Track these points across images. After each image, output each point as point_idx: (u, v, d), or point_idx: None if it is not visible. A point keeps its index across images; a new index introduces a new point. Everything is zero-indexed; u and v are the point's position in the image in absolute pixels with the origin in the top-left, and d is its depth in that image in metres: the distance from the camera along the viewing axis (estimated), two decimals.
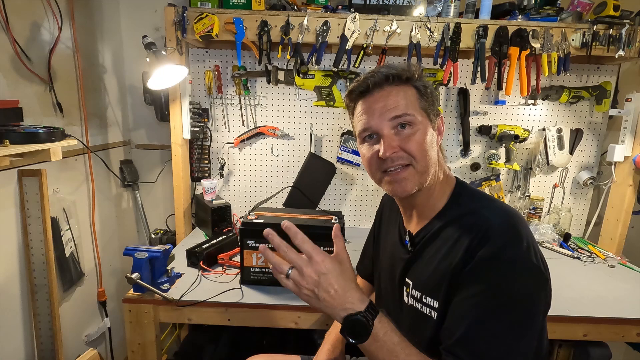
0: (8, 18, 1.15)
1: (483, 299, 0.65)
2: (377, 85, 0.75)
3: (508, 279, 0.64)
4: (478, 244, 0.67)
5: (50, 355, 1.33)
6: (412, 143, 0.73)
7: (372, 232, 1.08)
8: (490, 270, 0.65)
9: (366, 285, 1.12)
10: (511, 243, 0.66)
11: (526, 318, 0.64)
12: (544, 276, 0.67)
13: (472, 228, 0.69)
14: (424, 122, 0.75)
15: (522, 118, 1.76)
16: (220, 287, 1.19)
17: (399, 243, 0.86)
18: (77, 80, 1.51)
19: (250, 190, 1.86)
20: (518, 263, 0.65)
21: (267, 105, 1.76)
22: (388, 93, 0.74)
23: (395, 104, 0.73)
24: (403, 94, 0.74)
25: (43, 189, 1.25)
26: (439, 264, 0.72)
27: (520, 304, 0.64)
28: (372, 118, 0.74)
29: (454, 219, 0.74)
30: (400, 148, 0.73)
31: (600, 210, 1.76)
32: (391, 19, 1.45)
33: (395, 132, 0.74)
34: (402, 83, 0.75)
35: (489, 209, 0.72)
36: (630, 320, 1.13)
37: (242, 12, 1.46)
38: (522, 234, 0.67)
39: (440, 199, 0.79)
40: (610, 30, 1.44)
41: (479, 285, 0.65)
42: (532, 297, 0.65)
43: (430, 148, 0.75)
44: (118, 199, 1.85)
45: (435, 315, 0.72)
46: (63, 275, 1.43)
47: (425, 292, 0.75)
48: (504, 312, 0.64)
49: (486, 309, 0.64)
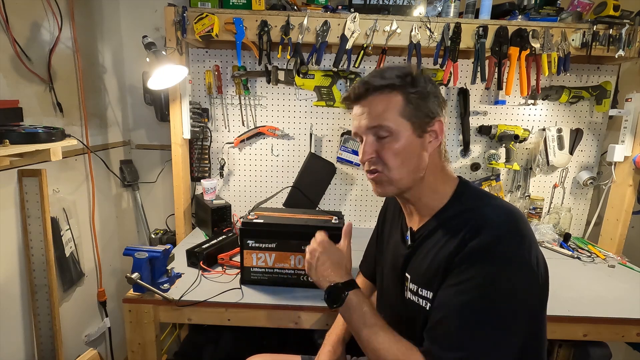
0: (8, 18, 1.15)
1: (466, 288, 0.66)
2: (361, 97, 0.78)
3: (495, 271, 0.66)
4: (470, 236, 0.68)
5: (50, 355, 1.33)
6: (386, 151, 0.76)
7: (376, 231, 1.09)
8: (478, 260, 0.67)
9: (368, 285, 1.12)
10: (505, 238, 0.67)
11: (507, 312, 0.65)
12: (535, 273, 0.67)
13: (468, 223, 0.71)
14: (403, 130, 0.75)
15: (522, 118, 1.76)
16: (220, 287, 1.19)
17: (400, 241, 0.88)
18: (77, 80, 1.51)
19: (250, 190, 1.86)
20: (507, 257, 0.66)
21: (267, 105, 1.76)
22: (369, 102, 0.77)
23: (374, 114, 0.76)
24: (383, 103, 0.75)
25: (43, 189, 1.25)
26: (435, 256, 0.74)
27: (503, 297, 0.65)
28: (356, 126, 0.80)
29: (453, 216, 0.76)
30: (377, 154, 0.77)
31: (600, 210, 1.76)
32: (391, 19, 1.45)
33: (376, 139, 0.77)
34: (386, 91, 0.75)
35: (490, 206, 0.73)
36: (630, 320, 1.13)
37: (242, 12, 1.46)
38: (522, 232, 0.68)
39: (441, 198, 0.79)
40: (610, 30, 1.44)
41: (464, 274, 0.67)
42: (517, 293, 0.66)
43: (408, 156, 0.75)
44: (118, 199, 1.85)
45: (428, 306, 0.74)
46: (63, 275, 1.43)
47: (421, 285, 0.77)
48: (485, 303, 0.65)
49: (468, 298, 0.66)
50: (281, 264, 1.19)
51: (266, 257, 1.19)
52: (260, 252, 1.18)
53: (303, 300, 1.15)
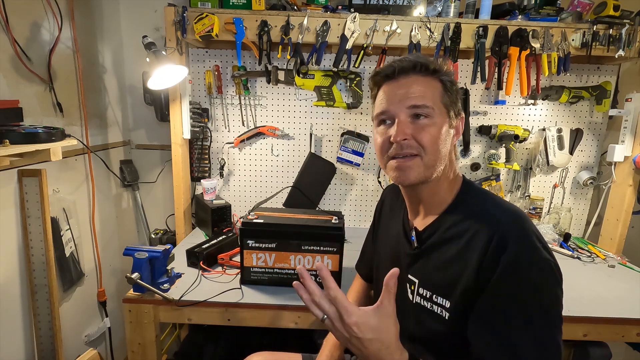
0: (8, 18, 1.15)
1: (512, 306, 0.65)
2: (403, 72, 0.75)
3: (533, 285, 0.65)
4: (496, 248, 0.66)
5: (50, 355, 1.33)
6: (425, 134, 0.72)
7: (372, 227, 1.08)
8: (514, 276, 0.65)
9: (365, 286, 1.11)
10: (527, 245, 0.66)
11: (556, 315, 0.66)
12: (559, 271, 0.68)
13: (484, 230, 0.69)
14: (442, 117, 0.74)
15: (522, 118, 1.76)
16: (220, 287, 1.19)
17: (403, 237, 0.86)
18: (77, 80, 1.51)
19: (250, 190, 1.86)
20: (539, 265, 0.65)
21: (267, 105, 1.76)
22: (413, 81, 0.74)
23: (417, 93, 0.73)
24: (427, 85, 0.74)
25: (43, 189, 1.25)
26: (451, 264, 0.72)
27: (550, 305, 0.66)
28: (391, 103, 0.75)
29: (462, 218, 0.74)
30: (412, 136, 0.73)
31: (600, 210, 1.76)
32: (391, 19, 1.45)
33: (411, 120, 0.73)
34: (429, 74, 0.75)
35: (497, 208, 0.73)
36: (630, 320, 1.13)
37: (242, 12, 1.46)
38: (532, 232, 0.68)
39: (447, 196, 0.79)
40: (610, 30, 1.44)
41: (506, 294, 0.65)
42: (557, 296, 0.67)
43: (442, 143, 0.74)
44: (118, 199, 1.85)
45: (447, 315, 0.73)
46: (63, 275, 1.43)
47: (436, 292, 0.75)
48: (537, 317, 0.65)
49: (516, 316, 0.65)
50: (281, 264, 1.19)
51: (266, 257, 1.19)
52: (260, 252, 1.18)
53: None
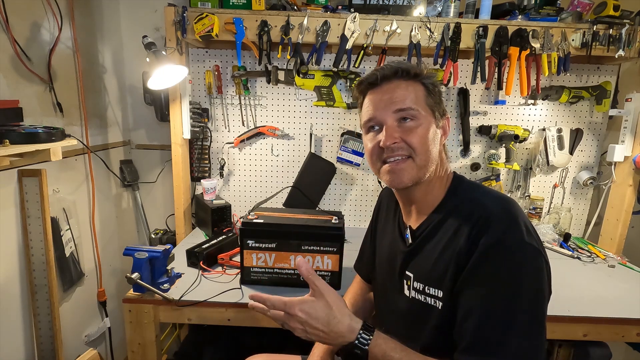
0: (8, 18, 1.15)
1: (493, 288, 0.65)
2: (386, 78, 0.77)
3: (513, 267, 0.65)
4: (478, 232, 0.68)
5: (50, 355, 1.33)
6: (414, 135, 0.74)
7: (370, 228, 1.08)
8: (494, 258, 0.66)
9: (364, 285, 1.11)
10: (510, 228, 0.67)
11: (536, 301, 0.65)
12: (544, 257, 0.68)
13: (471, 216, 0.71)
14: (428, 118, 0.76)
15: (522, 118, 1.76)
16: (220, 287, 1.19)
17: (398, 237, 0.87)
18: (77, 80, 1.51)
19: (250, 190, 1.86)
20: (520, 248, 0.66)
21: (267, 105, 1.76)
22: (396, 86, 0.76)
23: (402, 97, 0.75)
24: (410, 89, 0.76)
25: (43, 189, 1.25)
26: (442, 254, 0.74)
27: (529, 289, 0.65)
28: (377, 109, 0.77)
29: (452, 210, 0.76)
30: (401, 139, 0.74)
31: (600, 210, 1.76)
32: (391, 19, 1.45)
33: (398, 124, 0.76)
34: (411, 78, 0.77)
35: (486, 196, 0.74)
36: (630, 320, 1.13)
37: (242, 12, 1.46)
38: (519, 217, 0.69)
39: (439, 195, 0.80)
40: (610, 30, 1.44)
41: (485, 277, 0.66)
42: (539, 280, 0.66)
43: (431, 144, 0.76)
44: (118, 199, 1.85)
45: (440, 305, 0.73)
46: (63, 275, 1.43)
47: (429, 284, 0.76)
48: (515, 300, 0.64)
49: (497, 299, 0.65)
50: (281, 264, 1.19)
51: (266, 257, 1.19)
52: (260, 252, 1.18)
53: None
